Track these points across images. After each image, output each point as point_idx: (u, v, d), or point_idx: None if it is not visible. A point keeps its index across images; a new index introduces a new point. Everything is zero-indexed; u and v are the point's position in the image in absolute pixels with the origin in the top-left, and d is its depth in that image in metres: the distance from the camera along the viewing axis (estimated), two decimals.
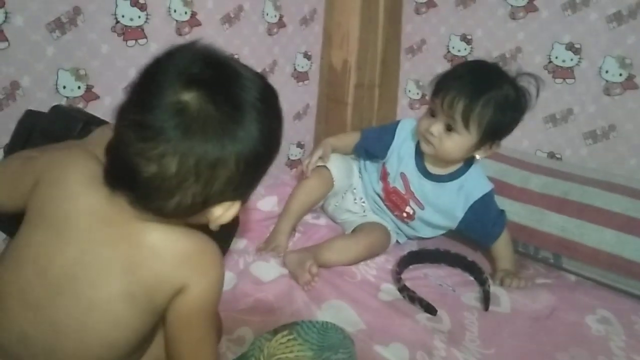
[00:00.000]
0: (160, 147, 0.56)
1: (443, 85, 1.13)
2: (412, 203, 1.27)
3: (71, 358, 0.64)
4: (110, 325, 0.64)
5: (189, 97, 0.56)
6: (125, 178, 0.59)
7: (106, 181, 0.62)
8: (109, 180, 0.62)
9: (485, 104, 1.08)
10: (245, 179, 0.61)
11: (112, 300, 0.63)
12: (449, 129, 1.12)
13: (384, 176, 1.30)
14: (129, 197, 0.61)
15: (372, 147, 1.32)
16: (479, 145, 1.14)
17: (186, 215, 0.62)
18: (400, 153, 1.27)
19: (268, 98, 0.62)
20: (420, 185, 1.24)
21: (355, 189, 1.38)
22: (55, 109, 0.90)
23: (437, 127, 1.13)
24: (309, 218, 1.38)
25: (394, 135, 1.28)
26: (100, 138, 0.69)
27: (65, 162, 0.68)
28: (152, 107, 0.56)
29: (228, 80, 0.59)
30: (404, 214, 1.29)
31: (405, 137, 1.27)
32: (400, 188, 1.27)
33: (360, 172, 1.40)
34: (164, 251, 0.64)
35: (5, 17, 1.00)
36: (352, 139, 1.37)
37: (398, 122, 1.31)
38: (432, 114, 1.16)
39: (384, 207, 1.33)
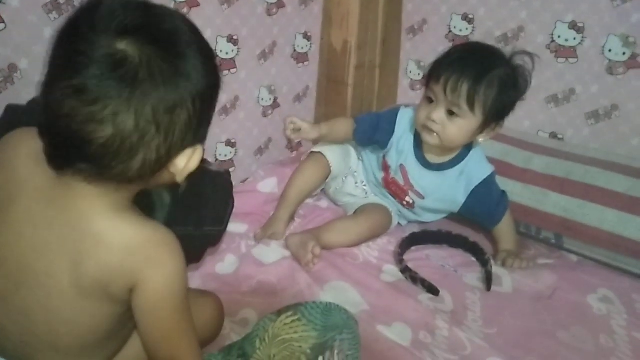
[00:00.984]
0: (110, 105, 0.52)
1: (442, 71, 1.09)
2: (411, 194, 1.26)
3: (46, 345, 0.64)
4: (74, 312, 0.62)
5: (123, 44, 0.52)
6: (76, 152, 0.55)
7: (51, 164, 0.58)
8: (55, 161, 0.57)
9: (489, 85, 1.07)
10: (202, 118, 0.60)
11: (68, 289, 0.61)
12: (451, 114, 1.10)
13: (385, 167, 1.29)
14: (83, 172, 0.57)
15: (374, 135, 1.28)
16: (482, 127, 1.12)
17: (151, 173, 0.59)
18: (399, 146, 1.24)
19: (195, 30, 0.60)
20: (420, 177, 1.23)
21: (356, 172, 1.38)
22: (33, 102, 0.88)
23: (439, 114, 1.10)
24: (310, 201, 1.39)
25: (394, 125, 1.25)
26: None
27: (13, 142, 0.65)
28: (87, 65, 0.52)
29: (157, 20, 0.56)
30: (404, 202, 1.29)
31: (404, 129, 1.25)
32: (399, 180, 1.26)
33: (360, 156, 1.39)
34: (109, 240, 0.60)
35: None
36: (343, 127, 1.30)
37: (397, 110, 1.28)
38: (430, 101, 1.13)
39: (386, 193, 1.33)
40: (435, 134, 1.13)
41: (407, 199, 1.28)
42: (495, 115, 1.11)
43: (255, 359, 0.76)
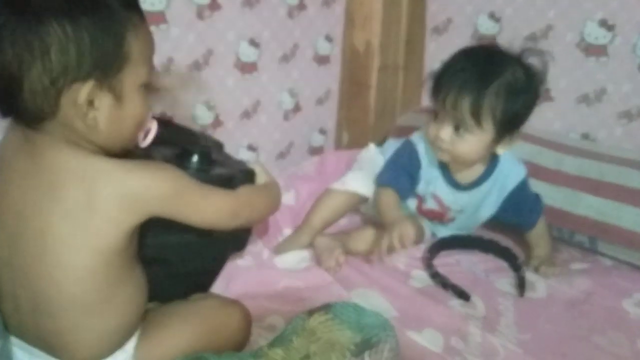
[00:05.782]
0: None
1: (442, 85, 1.03)
2: (449, 214, 1.21)
3: (52, 305, 0.68)
4: (65, 251, 0.66)
5: None
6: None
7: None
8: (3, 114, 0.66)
9: (493, 95, 0.99)
10: (81, 42, 0.61)
11: (57, 227, 0.65)
12: (458, 129, 1.04)
13: (416, 196, 1.24)
14: (19, 118, 0.65)
15: (413, 183, 1.20)
16: (497, 140, 1.05)
17: (49, 108, 0.63)
18: (427, 175, 1.18)
19: None
20: (454, 199, 1.18)
21: None
22: None
23: (446, 132, 1.04)
24: None
25: (419, 159, 1.17)
26: None
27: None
28: None
29: None
30: (444, 220, 1.24)
31: (428, 157, 1.17)
32: (435, 207, 1.21)
33: None
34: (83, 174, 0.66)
35: None
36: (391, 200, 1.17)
37: (411, 144, 1.19)
38: (436, 116, 1.07)
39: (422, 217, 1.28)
40: (445, 152, 1.08)
41: (446, 218, 1.23)
42: (509, 124, 1.03)
43: (293, 348, 0.75)
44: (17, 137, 0.68)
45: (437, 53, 1.66)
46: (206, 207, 0.76)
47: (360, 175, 1.26)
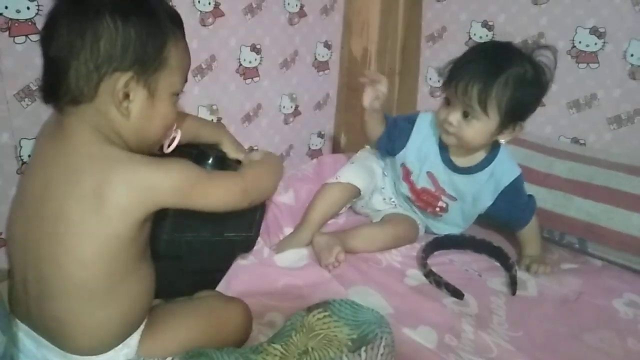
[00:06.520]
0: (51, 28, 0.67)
1: (456, 71, 1.09)
2: (444, 198, 1.24)
3: (57, 288, 0.70)
4: (76, 236, 0.68)
5: None
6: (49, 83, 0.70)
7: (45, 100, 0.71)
8: (45, 98, 0.71)
9: (501, 85, 1.04)
10: (128, 37, 0.67)
11: (72, 209, 0.68)
12: (467, 115, 1.09)
13: (406, 175, 1.28)
14: (59, 101, 0.70)
15: (390, 139, 1.26)
16: (501, 128, 1.09)
17: (89, 91, 0.68)
18: (423, 150, 1.22)
19: None
20: (450, 180, 1.21)
21: (383, 188, 1.36)
22: None
23: (455, 116, 1.09)
24: None
25: (413, 125, 1.24)
26: None
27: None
28: None
29: None
30: (437, 209, 1.27)
31: (426, 134, 1.23)
32: (430, 187, 1.24)
33: (384, 172, 1.38)
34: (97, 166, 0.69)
35: (38, 10, 1.01)
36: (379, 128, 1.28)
37: (415, 115, 1.26)
38: (447, 102, 1.12)
39: (415, 208, 1.32)
40: (451, 136, 1.13)
41: (440, 203, 1.25)
42: (513, 115, 1.07)
43: (292, 344, 0.77)
44: (52, 124, 0.73)
45: (432, 59, 1.70)
46: (217, 191, 0.79)
47: (352, 168, 1.32)
